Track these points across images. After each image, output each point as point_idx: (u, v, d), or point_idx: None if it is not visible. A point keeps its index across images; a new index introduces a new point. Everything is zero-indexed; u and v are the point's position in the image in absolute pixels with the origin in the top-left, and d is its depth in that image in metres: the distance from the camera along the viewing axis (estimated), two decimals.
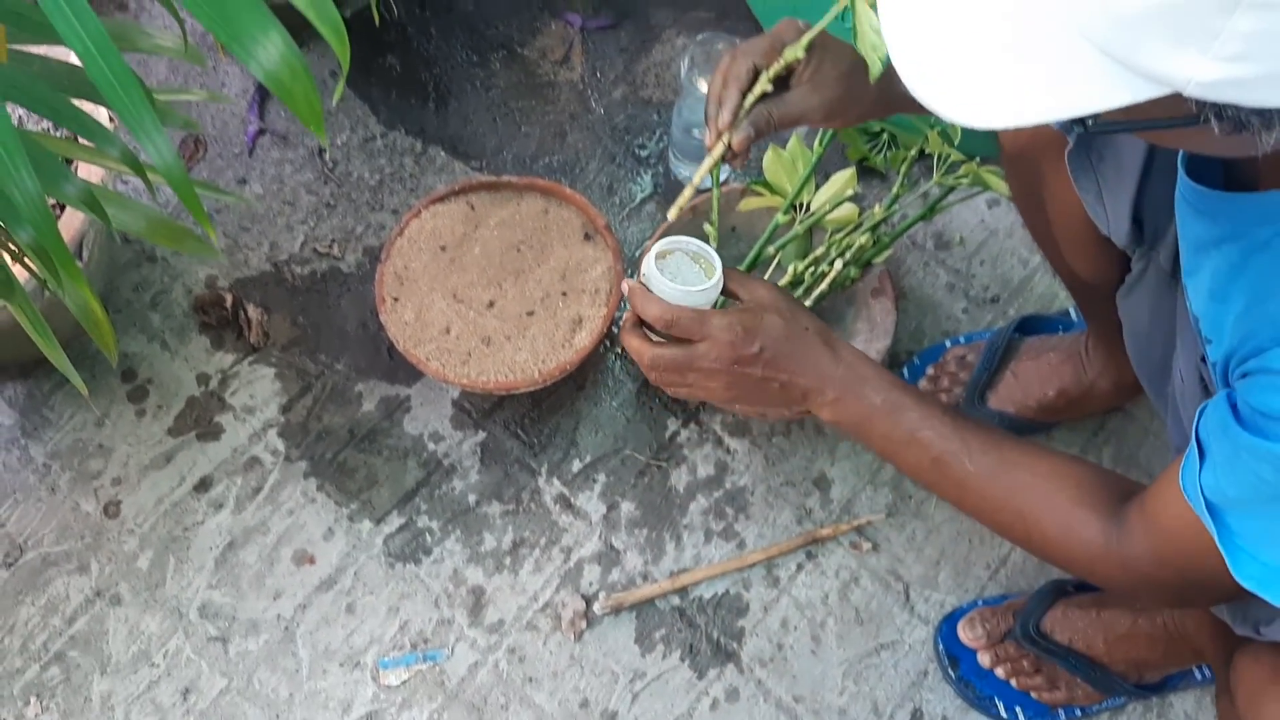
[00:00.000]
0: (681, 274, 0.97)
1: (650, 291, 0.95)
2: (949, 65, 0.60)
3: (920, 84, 0.61)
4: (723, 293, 0.97)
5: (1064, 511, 0.87)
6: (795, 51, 0.95)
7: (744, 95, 0.96)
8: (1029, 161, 1.03)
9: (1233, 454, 0.72)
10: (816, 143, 1.31)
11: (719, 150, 0.97)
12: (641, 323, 0.97)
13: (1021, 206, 1.12)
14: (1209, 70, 0.54)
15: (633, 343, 0.96)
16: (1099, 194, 0.95)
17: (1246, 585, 0.74)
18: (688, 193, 1.00)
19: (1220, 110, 0.57)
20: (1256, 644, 0.91)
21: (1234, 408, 0.72)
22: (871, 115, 1.00)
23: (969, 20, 0.60)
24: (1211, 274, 0.77)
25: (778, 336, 0.93)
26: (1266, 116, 0.57)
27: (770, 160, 1.34)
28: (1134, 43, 0.55)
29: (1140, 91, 0.57)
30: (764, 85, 0.96)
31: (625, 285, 0.96)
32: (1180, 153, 0.78)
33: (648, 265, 0.96)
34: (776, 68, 0.95)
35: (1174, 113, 0.59)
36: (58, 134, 1.27)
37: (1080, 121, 0.61)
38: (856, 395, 0.93)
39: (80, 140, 1.19)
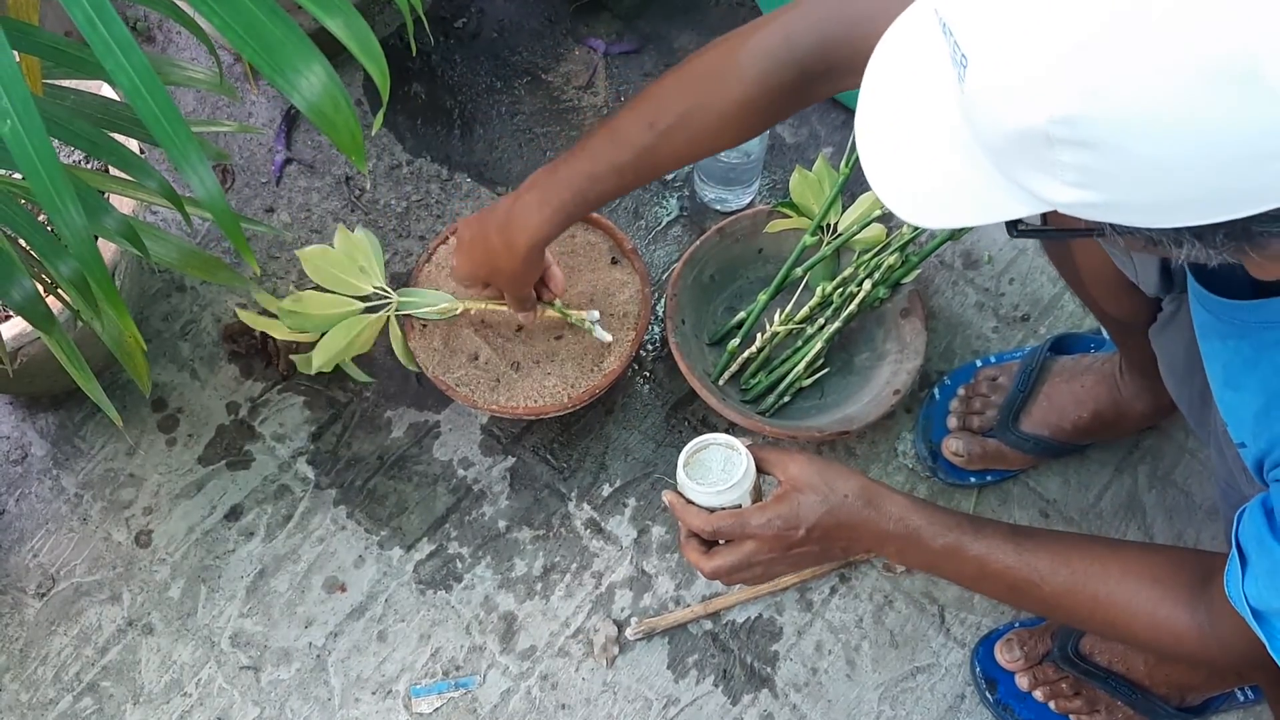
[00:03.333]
0: (715, 469, 0.99)
1: (688, 501, 0.98)
2: (904, 176, 0.67)
3: (884, 192, 0.67)
4: (759, 470, 0.99)
5: (1149, 613, 0.88)
6: None
7: None
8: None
9: (1272, 568, 0.73)
10: (843, 164, 1.31)
11: None
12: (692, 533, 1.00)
13: (1050, 251, 1.12)
14: (1064, 194, 0.59)
15: (691, 556, 1.00)
16: (1127, 249, 0.95)
17: None
18: None
19: (1115, 225, 0.61)
20: None
21: (1270, 516, 0.74)
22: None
23: (918, 140, 0.65)
24: (1224, 364, 0.78)
25: (820, 514, 0.95)
26: (1173, 234, 0.60)
27: (797, 182, 1.34)
28: (1010, 165, 0.60)
29: (1033, 206, 0.62)
30: None
31: (666, 497, 1.00)
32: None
33: (680, 475, 0.98)
34: None
35: (1078, 224, 0.63)
36: (88, 165, 1.28)
37: (1012, 225, 0.67)
38: (916, 547, 0.95)
39: (112, 172, 1.20)
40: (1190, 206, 0.57)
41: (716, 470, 0.98)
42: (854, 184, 1.46)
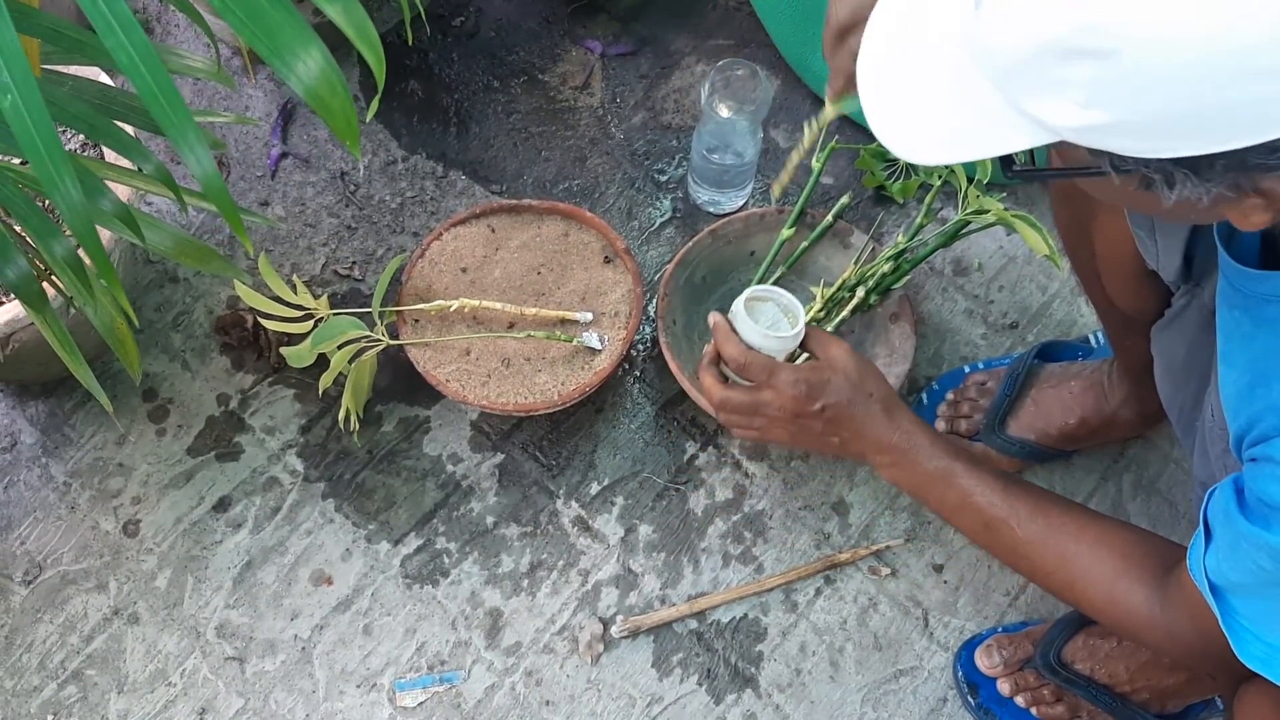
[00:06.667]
0: (763, 321, 1.02)
1: (733, 330, 1.00)
2: (902, 111, 0.67)
3: (881, 129, 0.68)
4: (801, 347, 1.02)
5: (1108, 582, 0.90)
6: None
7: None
8: (1082, 194, 1.04)
9: (1234, 541, 0.74)
10: (815, 159, 1.32)
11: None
12: (718, 361, 1.03)
13: (1066, 237, 1.13)
14: (1072, 116, 0.59)
15: (706, 380, 1.03)
16: (1152, 230, 0.96)
17: (1250, 665, 0.76)
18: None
19: (1113, 161, 0.61)
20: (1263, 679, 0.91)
21: (1239, 493, 0.75)
22: None
23: (918, 77, 0.66)
24: (1226, 336, 0.80)
25: (841, 399, 0.98)
26: (1164, 170, 0.61)
27: None
28: (1019, 91, 0.61)
29: (1037, 136, 0.62)
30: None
31: (712, 318, 1.02)
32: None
33: (736, 304, 1.01)
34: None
35: (1078, 162, 0.64)
36: (84, 152, 1.28)
37: (1007, 164, 0.67)
38: (911, 461, 0.98)
39: (108, 159, 1.20)
40: (1194, 131, 0.57)
41: (764, 323, 1.02)
42: (839, 188, 1.47)
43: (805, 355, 1.05)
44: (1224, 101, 0.56)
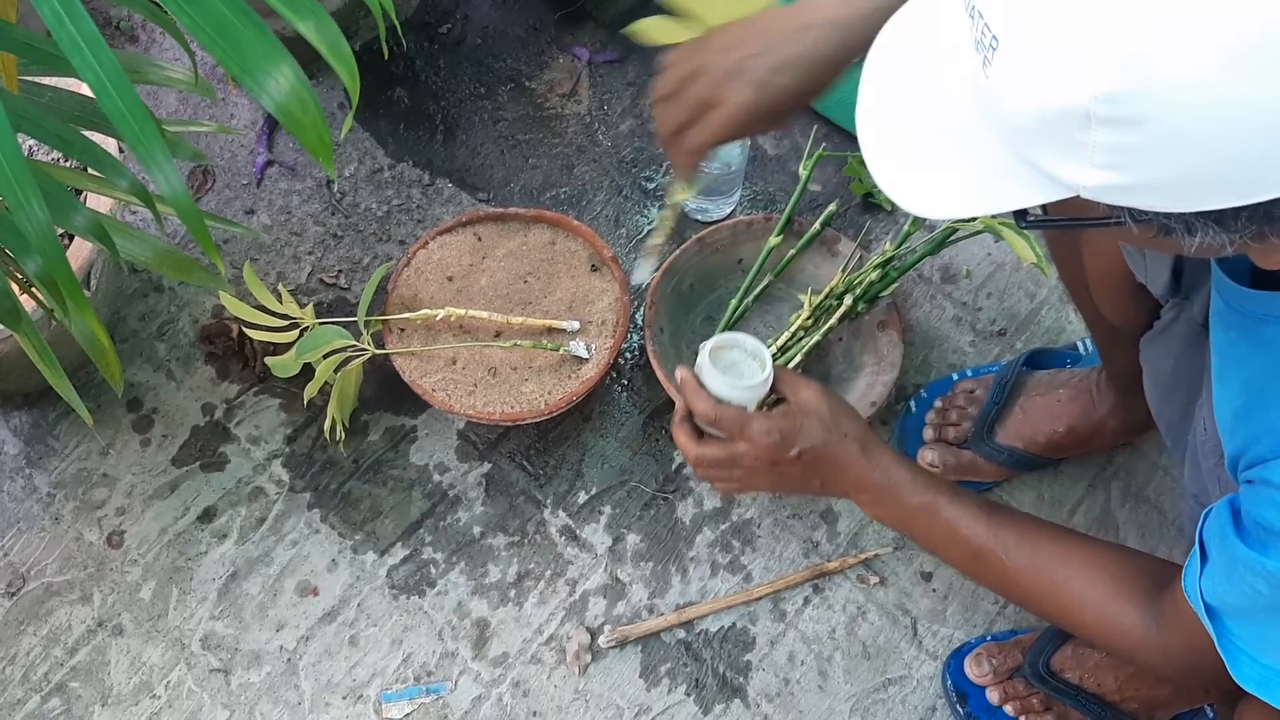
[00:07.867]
0: (734, 370, 1.01)
1: (700, 385, 0.99)
2: (908, 167, 0.66)
3: (885, 181, 0.66)
4: (772, 391, 1.01)
5: (1099, 606, 0.90)
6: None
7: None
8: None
9: (1230, 564, 0.74)
10: (802, 166, 1.32)
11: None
12: (690, 417, 1.01)
13: (1055, 249, 1.13)
14: (1092, 177, 0.57)
15: (680, 438, 1.01)
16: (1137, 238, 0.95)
17: (1245, 686, 0.75)
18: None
19: (1133, 213, 0.60)
20: None
21: (1236, 515, 0.74)
22: (798, 105, 0.86)
23: (923, 129, 0.65)
24: (1221, 355, 0.79)
25: (816, 442, 0.97)
26: (1185, 220, 0.59)
27: None
28: (1032, 149, 0.59)
29: (1051, 192, 0.61)
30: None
31: (679, 373, 1.01)
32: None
33: (701, 357, 0.99)
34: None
35: (1094, 213, 0.62)
36: (67, 164, 1.27)
37: (1020, 215, 0.65)
38: (893, 498, 0.97)
39: (90, 171, 1.19)
40: (1219, 188, 0.56)
41: (743, 370, 1.01)
42: (827, 195, 1.47)
43: (776, 398, 1.03)
44: (1253, 161, 0.54)
